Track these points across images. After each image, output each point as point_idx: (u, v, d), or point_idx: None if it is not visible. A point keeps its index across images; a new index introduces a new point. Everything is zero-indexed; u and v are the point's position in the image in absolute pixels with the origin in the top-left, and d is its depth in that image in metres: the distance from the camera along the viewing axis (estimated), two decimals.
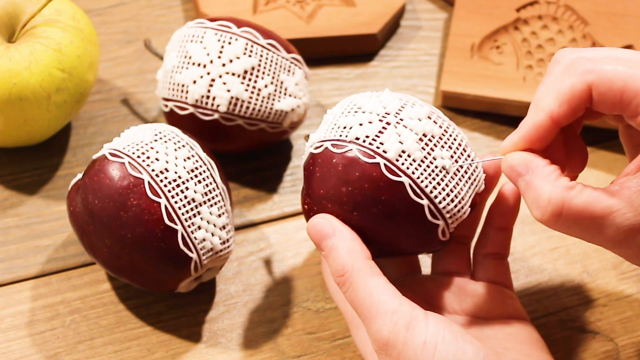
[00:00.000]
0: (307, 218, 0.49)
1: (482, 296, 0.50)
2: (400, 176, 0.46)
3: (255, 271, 0.57)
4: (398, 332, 0.43)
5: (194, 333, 0.54)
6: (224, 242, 0.52)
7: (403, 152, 0.46)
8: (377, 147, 0.46)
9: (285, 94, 0.57)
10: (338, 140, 0.47)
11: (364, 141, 0.46)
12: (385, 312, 0.44)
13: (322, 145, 0.47)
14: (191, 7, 0.70)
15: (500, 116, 0.64)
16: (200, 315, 0.55)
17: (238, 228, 0.59)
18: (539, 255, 0.58)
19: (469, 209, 0.48)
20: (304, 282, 0.56)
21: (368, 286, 0.44)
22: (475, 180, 0.48)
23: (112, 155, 0.51)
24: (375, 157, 0.46)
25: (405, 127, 0.46)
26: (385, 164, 0.46)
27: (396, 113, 0.47)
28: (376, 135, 0.46)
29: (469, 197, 0.48)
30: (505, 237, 0.51)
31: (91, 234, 0.51)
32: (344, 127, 0.47)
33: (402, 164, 0.46)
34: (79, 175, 0.53)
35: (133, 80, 0.65)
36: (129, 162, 0.50)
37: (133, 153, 0.51)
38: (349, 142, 0.46)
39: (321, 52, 0.67)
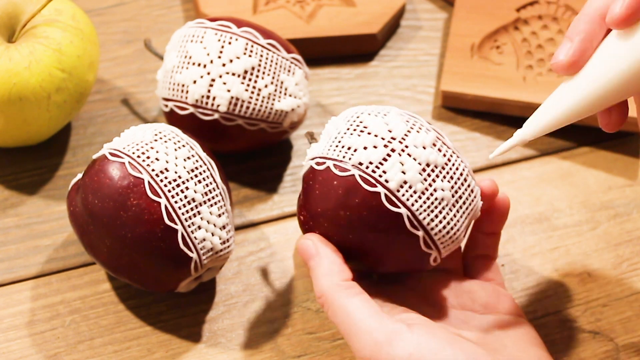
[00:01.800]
0: (302, 229, 0.49)
1: (477, 292, 0.51)
2: (400, 207, 0.46)
3: (255, 271, 0.57)
4: (380, 350, 0.43)
5: (194, 333, 0.54)
6: (224, 242, 0.52)
7: (405, 182, 0.46)
8: (380, 176, 0.46)
9: (285, 94, 0.57)
10: (341, 161, 0.47)
11: (367, 167, 0.46)
12: (365, 331, 0.44)
13: (324, 163, 0.48)
14: (191, 7, 0.70)
15: (500, 116, 0.64)
16: (200, 315, 0.55)
17: (238, 228, 0.59)
18: (539, 255, 0.58)
19: (463, 238, 0.49)
20: (304, 282, 0.56)
21: (346, 307, 0.45)
22: (472, 209, 0.49)
23: (112, 155, 0.51)
24: (377, 186, 0.46)
25: (409, 156, 0.47)
26: (385, 194, 0.46)
27: (402, 139, 0.47)
28: (380, 163, 0.46)
29: (464, 226, 0.48)
30: (494, 241, 0.52)
31: (91, 234, 0.51)
32: (348, 148, 0.47)
33: (403, 195, 0.46)
34: (79, 175, 0.53)
35: (133, 80, 0.65)
36: (129, 162, 0.50)
37: (133, 153, 0.51)
38: (352, 165, 0.47)
39: (321, 52, 0.67)
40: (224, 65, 0.56)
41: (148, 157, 0.50)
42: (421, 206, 0.46)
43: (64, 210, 0.58)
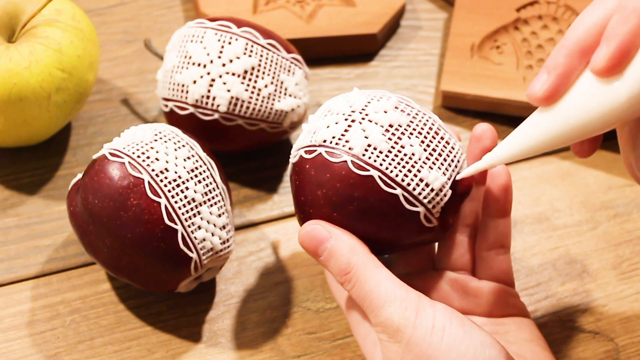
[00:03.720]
0: (300, 224, 0.49)
1: (484, 296, 0.50)
2: (369, 170, 0.46)
3: (255, 271, 0.57)
4: (408, 318, 0.44)
5: (194, 333, 0.54)
6: (224, 242, 0.52)
7: (369, 146, 0.46)
8: (343, 146, 0.46)
9: (285, 94, 0.57)
10: (309, 146, 0.48)
11: (331, 142, 0.47)
12: (395, 300, 0.44)
13: (297, 154, 0.48)
14: (191, 7, 0.70)
15: (500, 116, 0.64)
16: (200, 315, 0.55)
17: (238, 228, 0.59)
18: (539, 255, 0.58)
19: (449, 191, 0.47)
20: (304, 282, 0.57)
21: (375, 277, 0.45)
22: (452, 161, 0.48)
23: (112, 155, 0.51)
24: (342, 156, 0.46)
25: (370, 122, 0.47)
26: (352, 161, 0.46)
27: (361, 110, 0.47)
28: (342, 135, 0.47)
29: (448, 180, 0.47)
30: (505, 226, 0.51)
31: (91, 234, 0.51)
32: (314, 132, 0.48)
33: (369, 157, 0.46)
34: (79, 175, 0.53)
35: (133, 80, 0.65)
36: (129, 162, 0.50)
37: (133, 153, 0.51)
38: (318, 145, 0.47)
39: (321, 52, 0.67)
40: (224, 65, 0.56)
41: (148, 157, 0.50)
42: (390, 164, 0.46)
43: (64, 210, 0.58)
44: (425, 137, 0.47)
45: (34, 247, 0.57)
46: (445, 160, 0.47)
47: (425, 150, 0.47)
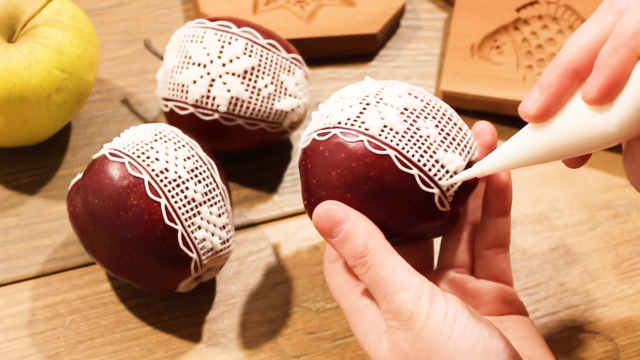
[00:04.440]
0: (308, 212, 0.49)
1: (482, 297, 0.50)
2: (385, 149, 0.46)
3: (255, 271, 0.57)
4: (423, 306, 0.44)
5: (194, 333, 0.54)
6: (224, 242, 0.52)
7: (385, 126, 0.46)
8: (359, 127, 0.46)
9: (285, 94, 0.57)
10: (323, 128, 0.47)
11: (346, 124, 0.47)
12: (410, 287, 0.44)
13: (309, 138, 0.48)
14: (191, 7, 0.70)
15: (500, 116, 0.64)
16: (200, 315, 0.55)
17: (238, 228, 0.59)
18: (539, 255, 0.58)
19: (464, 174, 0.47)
20: (304, 282, 0.57)
21: (391, 263, 0.45)
22: (466, 146, 0.48)
23: (112, 155, 0.51)
24: (358, 136, 0.46)
25: (386, 105, 0.47)
26: (368, 140, 0.46)
27: (376, 94, 0.48)
28: (357, 117, 0.47)
29: (462, 163, 0.47)
30: (504, 225, 0.51)
31: (91, 234, 0.51)
32: (327, 116, 0.48)
33: (386, 137, 0.46)
34: (79, 175, 0.53)
35: (133, 80, 0.65)
36: (129, 162, 0.50)
37: (133, 153, 0.51)
38: (333, 127, 0.47)
39: (321, 52, 0.67)
40: (224, 65, 0.56)
41: (148, 157, 0.50)
42: (407, 144, 0.46)
43: (64, 210, 0.58)
44: (440, 122, 0.47)
45: (34, 247, 0.57)
46: (459, 144, 0.48)
47: (439, 133, 0.47)
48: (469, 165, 0.48)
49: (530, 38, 0.66)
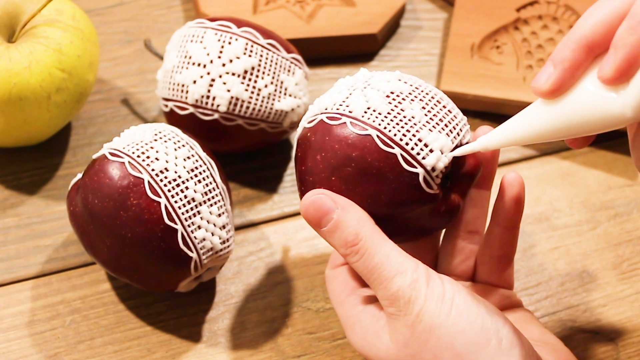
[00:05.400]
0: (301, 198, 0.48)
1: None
2: (367, 129, 0.46)
3: (255, 271, 0.57)
4: (420, 289, 0.43)
5: (194, 333, 0.54)
6: (224, 242, 0.52)
7: (369, 108, 0.46)
8: (344, 110, 0.46)
9: (285, 94, 0.57)
10: (311, 116, 0.48)
11: (332, 109, 0.47)
12: (406, 271, 0.44)
13: (300, 127, 0.48)
14: (191, 7, 0.70)
15: (500, 116, 0.64)
16: (200, 315, 0.55)
17: (238, 228, 0.59)
18: (539, 255, 0.58)
19: (450, 155, 0.46)
20: (304, 282, 0.57)
21: (384, 249, 0.44)
22: (454, 128, 0.47)
23: (112, 155, 0.51)
24: (341, 118, 0.46)
25: (372, 89, 0.47)
26: (351, 122, 0.46)
27: (364, 81, 0.48)
28: (342, 101, 0.47)
29: (449, 143, 0.46)
30: (512, 237, 0.50)
31: (91, 233, 0.51)
32: (317, 105, 0.48)
33: (368, 118, 0.46)
34: (79, 175, 0.53)
35: (133, 80, 0.65)
36: (129, 162, 0.50)
37: (133, 153, 0.51)
38: (320, 113, 0.47)
39: (321, 52, 0.67)
40: (224, 65, 0.56)
41: (148, 157, 0.50)
42: (389, 124, 0.46)
43: (64, 210, 0.58)
44: (427, 104, 0.47)
45: (34, 247, 0.57)
46: (447, 125, 0.47)
47: (425, 115, 0.46)
48: (458, 151, 0.47)
49: (531, 38, 0.66)
